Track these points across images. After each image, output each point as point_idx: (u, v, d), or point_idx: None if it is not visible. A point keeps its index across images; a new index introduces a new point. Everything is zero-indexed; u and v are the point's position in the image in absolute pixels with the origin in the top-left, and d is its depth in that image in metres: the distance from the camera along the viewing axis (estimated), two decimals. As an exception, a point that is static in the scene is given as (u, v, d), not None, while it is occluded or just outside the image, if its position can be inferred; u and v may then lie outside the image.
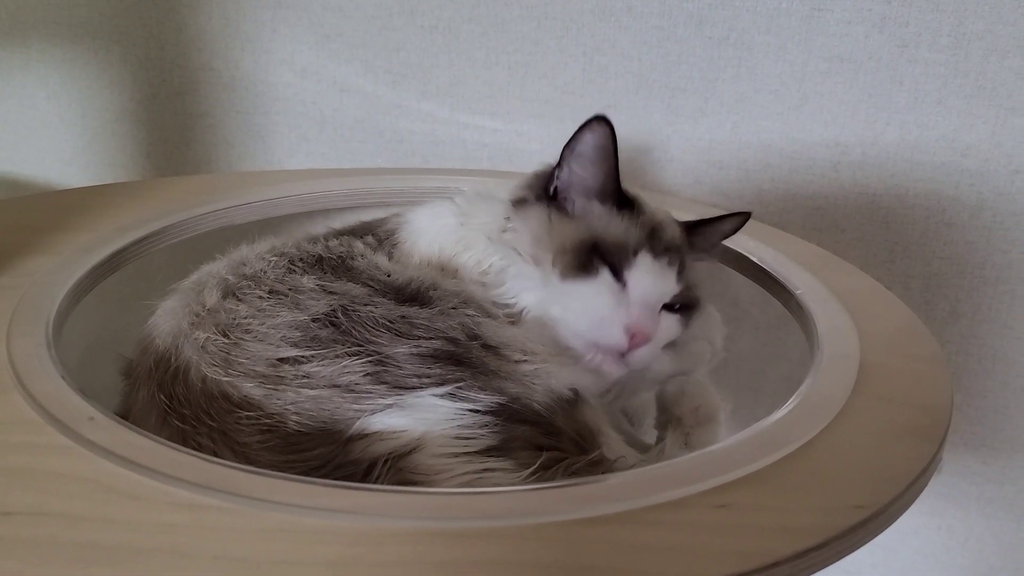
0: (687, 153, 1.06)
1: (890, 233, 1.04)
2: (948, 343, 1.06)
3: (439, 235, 0.74)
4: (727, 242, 0.84)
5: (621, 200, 0.70)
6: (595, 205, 0.70)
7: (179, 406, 0.57)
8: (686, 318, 0.72)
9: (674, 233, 0.73)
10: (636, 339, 0.66)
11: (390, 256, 0.73)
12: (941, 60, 0.95)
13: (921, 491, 0.53)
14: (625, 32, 1.02)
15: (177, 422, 0.56)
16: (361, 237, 0.75)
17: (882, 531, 0.49)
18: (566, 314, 0.67)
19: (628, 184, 0.73)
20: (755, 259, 0.82)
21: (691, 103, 1.04)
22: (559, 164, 0.71)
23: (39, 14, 1.15)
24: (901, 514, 0.51)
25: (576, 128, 0.69)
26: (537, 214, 0.71)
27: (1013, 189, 0.98)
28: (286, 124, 1.17)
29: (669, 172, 1.07)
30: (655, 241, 0.70)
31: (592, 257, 0.68)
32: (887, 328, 0.70)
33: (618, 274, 0.68)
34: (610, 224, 0.69)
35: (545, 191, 0.72)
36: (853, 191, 1.03)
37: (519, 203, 0.72)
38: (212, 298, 0.63)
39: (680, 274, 0.70)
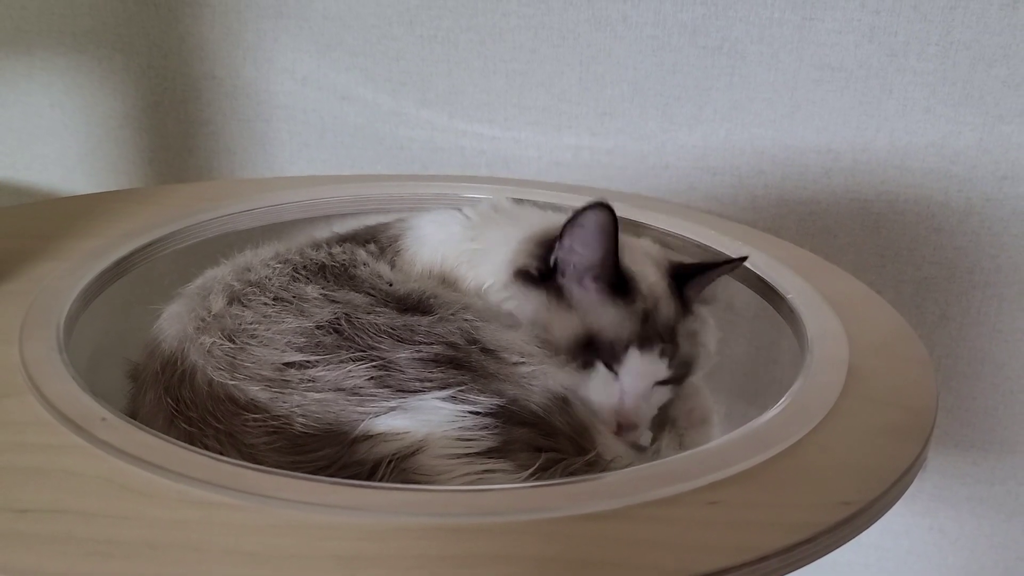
0: (682, 160, 1.08)
1: (881, 238, 1.05)
2: (938, 346, 1.08)
3: (443, 245, 0.75)
4: (721, 248, 0.85)
5: (618, 282, 0.70)
6: (591, 285, 0.70)
7: (186, 409, 0.58)
8: (679, 385, 0.73)
9: (668, 313, 0.72)
10: (624, 426, 0.69)
11: (392, 264, 0.74)
12: (929, 69, 0.97)
13: (906, 488, 0.54)
14: (620, 42, 1.04)
15: (184, 425, 0.58)
16: (364, 244, 0.76)
17: (868, 527, 0.51)
18: None
19: (625, 255, 0.72)
20: (748, 265, 0.83)
21: (685, 111, 1.06)
22: (560, 238, 0.70)
23: (43, 23, 1.16)
24: (887, 510, 0.52)
25: (581, 208, 0.69)
26: (536, 301, 0.71)
27: (1000, 195, 1.00)
28: (287, 131, 1.18)
29: (664, 178, 1.09)
30: (648, 330, 0.70)
31: (586, 354, 0.69)
32: (876, 332, 0.71)
33: (610, 366, 0.69)
34: (604, 315, 0.70)
35: (546, 262, 0.71)
36: (845, 197, 1.05)
37: (520, 275, 0.72)
38: (218, 304, 0.65)
39: (672, 359, 0.71)
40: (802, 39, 0.99)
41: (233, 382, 0.58)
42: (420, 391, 0.58)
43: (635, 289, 0.71)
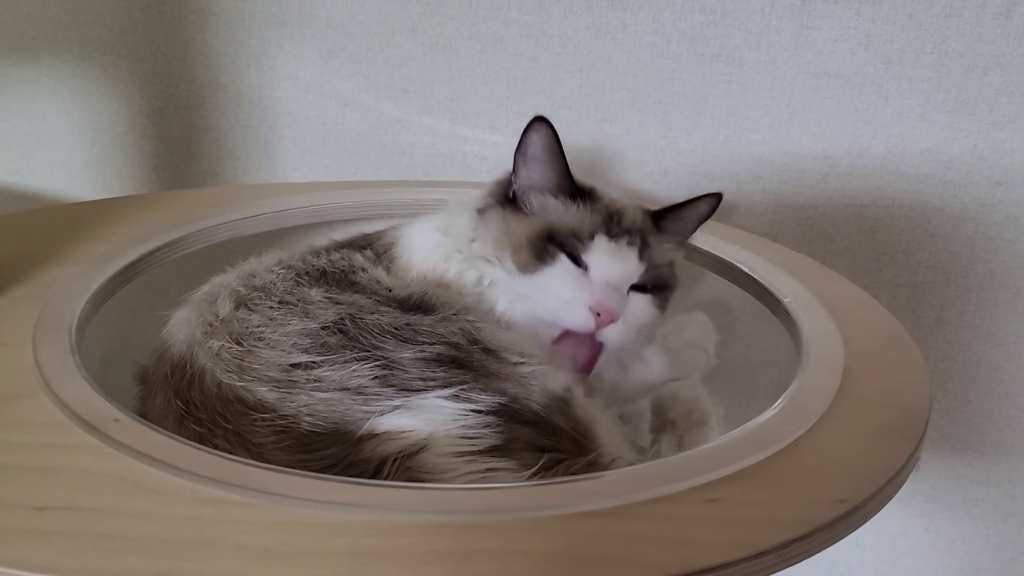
0: (680, 166, 1.09)
1: (877, 243, 1.06)
2: (934, 350, 1.09)
3: (430, 251, 0.77)
4: (720, 253, 0.87)
5: (576, 192, 0.72)
6: (550, 200, 0.72)
7: (195, 410, 0.60)
8: (661, 299, 0.74)
9: (635, 216, 0.74)
10: (603, 318, 0.68)
11: (388, 271, 0.76)
12: (924, 76, 0.98)
13: (900, 487, 0.55)
14: (620, 49, 1.05)
15: (194, 425, 0.59)
16: (360, 250, 0.77)
17: (862, 524, 0.52)
18: (533, 305, 0.70)
19: (588, 178, 0.76)
20: (746, 268, 0.84)
21: (684, 117, 1.07)
22: (513, 169, 0.74)
23: (49, 30, 1.17)
24: (880, 508, 0.54)
25: (522, 132, 0.72)
26: (494, 217, 0.74)
27: (995, 200, 1.01)
28: (290, 138, 1.19)
29: (663, 184, 1.10)
30: (612, 224, 0.72)
31: (547, 246, 0.70)
32: (871, 334, 0.72)
33: (577, 259, 0.70)
34: (565, 214, 0.72)
35: (505, 196, 0.75)
36: (841, 202, 1.06)
37: (482, 211, 0.76)
38: (225, 309, 0.66)
39: (643, 253, 0.72)
40: (799, 47, 1.00)
41: (241, 383, 0.60)
42: (423, 390, 0.59)
43: (597, 197, 0.73)
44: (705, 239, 0.88)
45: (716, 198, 0.76)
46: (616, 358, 0.73)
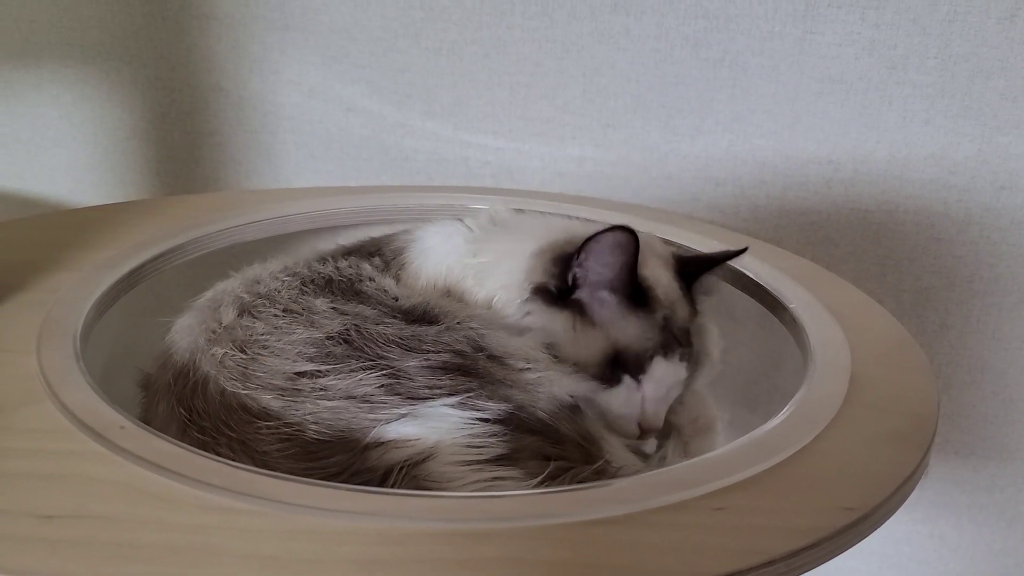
0: (684, 171, 1.09)
1: (881, 248, 1.06)
2: (938, 355, 1.09)
3: (447, 258, 0.76)
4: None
5: (636, 294, 0.72)
6: (610, 299, 0.71)
7: (199, 418, 0.59)
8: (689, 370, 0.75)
9: (684, 316, 0.74)
10: (647, 431, 0.71)
11: (397, 279, 0.75)
12: (928, 81, 0.99)
13: (908, 495, 0.55)
14: (623, 54, 1.05)
15: (197, 434, 0.58)
16: (369, 258, 0.76)
17: (871, 532, 0.52)
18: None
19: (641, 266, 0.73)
20: (751, 274, 0.84)
21: (688, 122, 1.07)
22: (578, 255, 0.70)
23: (52, 36, 1.17)
24: (889, 516, 0.53)
25: (604, 230, 0.69)
26: (561, 322, 0.71)
27: (999, 205, 1.01)
28: (293, 143, 1.19)
29: (667, 189, 1.10)
30: (668, 337, 0.72)
31: (614, 369, 0.70)
32: (877, 340, 0.72)
33: (634, 376, 0.71)
34: (627, 328, 0.71)
35: (564, 279, 0.72)
36: (845, 207, 1.06)
37: (539, 292, 0.72)
38: (228, 316, 0.66)
39: (690, 359, 0.73)
40: (803, 52, 1.01)
41: (245, 391, 0.59)
42: (429, 398, 0.58)
43: (653, 298, 0.72)
44: (708, 244, 0.88)
45: (742, 251, 0.78)
46: None
